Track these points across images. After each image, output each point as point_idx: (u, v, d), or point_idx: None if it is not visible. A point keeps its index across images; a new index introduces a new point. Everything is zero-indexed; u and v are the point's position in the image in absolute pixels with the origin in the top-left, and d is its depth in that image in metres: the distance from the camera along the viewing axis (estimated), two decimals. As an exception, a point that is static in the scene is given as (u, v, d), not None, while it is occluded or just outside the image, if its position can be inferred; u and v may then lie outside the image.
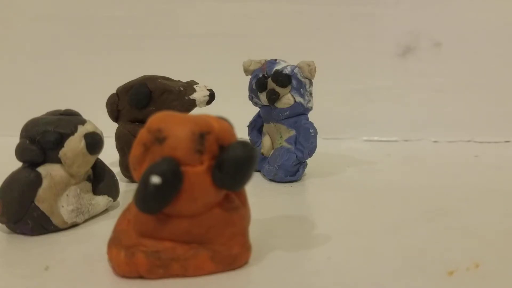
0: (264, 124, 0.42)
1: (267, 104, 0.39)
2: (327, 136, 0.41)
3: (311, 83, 0.39)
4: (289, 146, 0.39)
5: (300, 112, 0.39)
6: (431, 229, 0.29)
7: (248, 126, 0.43)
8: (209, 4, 0.54)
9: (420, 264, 0.24)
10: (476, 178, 0.41)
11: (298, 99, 0.39)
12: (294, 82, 0.38)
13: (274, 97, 0.38)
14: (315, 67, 0.38)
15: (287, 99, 0.39)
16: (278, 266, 0.24)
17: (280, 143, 0.40)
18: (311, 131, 0.39)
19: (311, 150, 0.39)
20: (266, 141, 0.42)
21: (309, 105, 0.39)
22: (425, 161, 0.48)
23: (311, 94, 0.39)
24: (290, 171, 0.39)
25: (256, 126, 0.43)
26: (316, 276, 0.23)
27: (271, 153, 0.41)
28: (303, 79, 0.38)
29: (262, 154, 0.42)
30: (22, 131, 0.28)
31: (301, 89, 0.38)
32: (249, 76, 0.41)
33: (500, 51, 0.53)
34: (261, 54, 0.41)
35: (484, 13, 0.53)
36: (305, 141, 0.39)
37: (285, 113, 0.39)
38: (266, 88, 0.39)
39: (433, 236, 0.28)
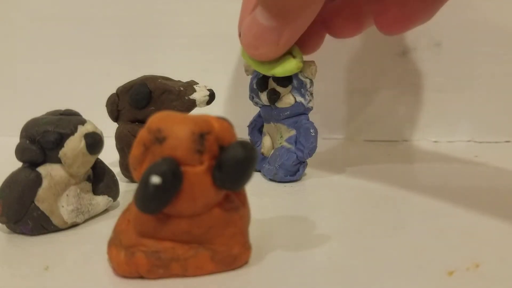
0: (265, 124, 0.42)
1: (268, 103, 0.39)
2: (327, 136, 0.40)
3: (312, 82, 0.39)
4: (289, 146, 0.39)
5: (300, 112, 0.39)
6: (431, 229, 0.29)
7: (248, 126, 0.43)
8: (209, 4, 0.54)
9: (420, 264, 0.24)
10: (476, 178, 0.41)
11: (299, 99, 0.39)
12: (295, 82, 0.38)
13: (274, 96, 0.38)
14: (316, 67, 0.38)
15: (288, 98, 0.39)
16: (278, 266, 0.24)
17: (281, 143, 0.40)
18: (311, 130, 0.39)
19: (311, 150, 0.39)
20: (266, 141, 0.42)
21: (310, 104, 0.39)
22: (426, 161, 0.48)
23: (311, 93, 0.39)
24: (290, 170, 0.39)
25: (256, 126, 0.43)
26: (317, 276, 0.23)
27: (271, 153, 0.41)
28: (304, 79, 0.38)
29: (262, 154, 0.42)
30: (22, 131, 0.28)
31: (302, 89, 0.38)
32: (250, 76, 0.41)
33: (500, 51, 0.53)
34: (261, 54, 0.41)
35: (484, 13, 0.53)
36: (305, 141, 0.38)
37: (286, 113, 0.39)
38: (266, 87, 0.39)
39: (433, 236, 0.28)
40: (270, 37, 0.33)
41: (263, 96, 0.39)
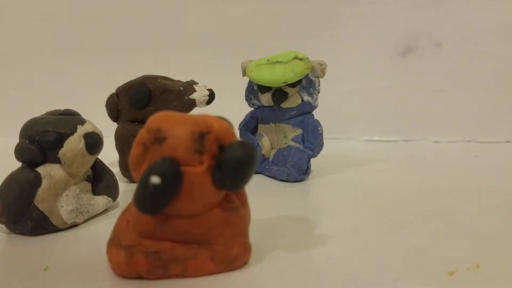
0: (261, 125, 0.42)
1: (269, 105, 0.39)
2: (327, 136, 0.40)
3: (319, 81, 0.39)
4: (297, 145, 0.39)
5: (306, 111, 0.39)
6: (431, 229, 0.29)
7: (240, 129, 0.42)
8: (209, 4, 0.54)
9: (421, 264, 0.24)
10: (476, 178, 0.41)
11: (306, 98, 0.38)
12: (304, 81, 0.38)
13: (282, 97, 0.38)
14: (326, 66, 0.38)
15: (295, 98, 0.38)
16: (278, 266, 0.24)
17: (286, 143, 0.40)
18: (319, 128, 0.39)
19: (320, 148, 0.39)
20: (266, 142, 0.41)
21: (316, 103, 0.39)
22: (426, 161, 0.48)
23: (319, 92, 0.39)
24: (303, 169, 0.39)
25: (249, 128, 0.42)
26: (316, 276, 0.23)
27: (274, 153, 0.41)
28: (313, 78, 0.38)
29: (263, 155, 0.41)
30: (22, 131, 0.28)
31: (311, 88, 0.38)
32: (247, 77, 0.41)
33: (500, 51, 0.53)
34: (261, 54, 0.41)
35: (484, 13, 0.53)
36: (314, 139, 0.39)
37: (292, 113, 0.39)
38: (270, 88, 0.39)
39: (434, 236, 0.28)
40: None
41: (264, 97, 0.39)
